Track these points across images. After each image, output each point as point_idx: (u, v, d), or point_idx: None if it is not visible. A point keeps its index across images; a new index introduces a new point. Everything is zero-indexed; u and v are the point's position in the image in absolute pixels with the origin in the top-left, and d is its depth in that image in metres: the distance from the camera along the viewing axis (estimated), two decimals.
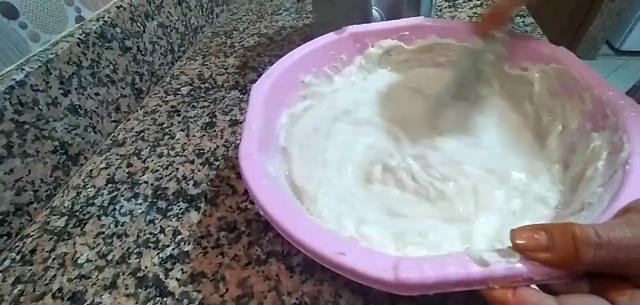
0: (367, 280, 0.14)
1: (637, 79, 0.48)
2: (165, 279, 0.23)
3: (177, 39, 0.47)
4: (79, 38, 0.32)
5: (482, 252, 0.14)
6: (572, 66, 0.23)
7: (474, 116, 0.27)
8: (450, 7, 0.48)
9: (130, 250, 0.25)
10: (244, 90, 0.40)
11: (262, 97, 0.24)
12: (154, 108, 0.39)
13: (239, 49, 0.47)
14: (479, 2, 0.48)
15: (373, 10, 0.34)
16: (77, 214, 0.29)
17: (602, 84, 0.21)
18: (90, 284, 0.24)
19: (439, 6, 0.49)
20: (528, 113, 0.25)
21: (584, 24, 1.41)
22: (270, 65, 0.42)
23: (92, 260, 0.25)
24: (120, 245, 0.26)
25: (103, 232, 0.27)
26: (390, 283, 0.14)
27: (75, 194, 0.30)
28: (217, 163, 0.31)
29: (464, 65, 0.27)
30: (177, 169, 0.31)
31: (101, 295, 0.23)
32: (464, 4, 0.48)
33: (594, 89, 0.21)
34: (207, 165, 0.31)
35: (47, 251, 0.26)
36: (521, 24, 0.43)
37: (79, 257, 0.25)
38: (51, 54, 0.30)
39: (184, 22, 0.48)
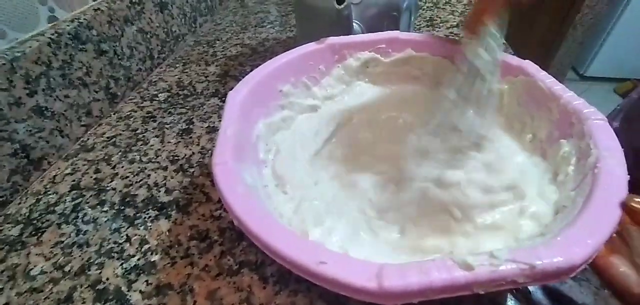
0: (349, 290, 0.14)
1: (600, 102, 0.51)
2: (128, 291, 0.22)
3: (157, 45, 0.46)
4: (50, 38, 0.31)
5: (465, 256, 0.13)
6: (538, 78, 0.24)
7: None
8: (428, 27, 0.50)
9: (91, 260, 0.24)
10: (223, 98, 0.39)
11: (239, 104, 0.24)
12: (129, 113, 0.38)
13: (220, 57, 0.47)
14: (455, 23, 0.50)
15: (354, 24, 0.35)
16: (35, 222, 0.27)
17: (568, 95, 0.22)
18: (43, 298, 0.22)
19: (418, 26, 0.51)
20: (500, 123, 0.26)
21: (551, 50, 1.52)
22: None
23: (46, 272, 0.23)
24: (80, 256, 0.24)
25: (62, 242, 0.25)
26: (374, 292, 0.13)
27: (34, 201, 0.28)
28: (192, 170, 0.30)
29: (459, 77, 0.25)
30: (149, 175, 0.30)
31: None
32: (441, 24, 0.51)
33: (560, 99, 0.22)
34: (180, 172, 0.30)
35: None
36: None
37: (31, 269, 0.23)
38: (17, 52, 0.28)
39: (165, 30, 0.47)
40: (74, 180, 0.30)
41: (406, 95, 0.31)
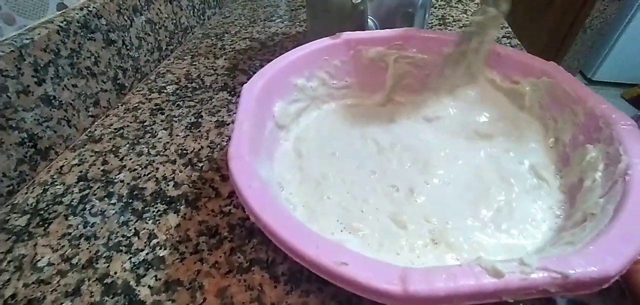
0: (371, 292, 0.13)
1: None
2: (136, 286, 0.21)
3: (166, 37, 0.45)
4: (59, 26, 0.31)
5: (494, 262, 0.13)
6: (562, 80, 0.23)
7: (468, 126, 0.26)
8: (440, 25, 0.49)
9: (99, 253, 0.23)
10: (232, 92, 0.38)
11: (254, 98, 0.23)
12: (136, 105, 0.37)
13: (229, 51, 0.46)
14: (468, 22, 0.50)
15: (369, 20, 0.34)
16: (42, 212, 0.26)
17: (594, 98, 0.21)
18: (50, 290, 0.21)
19: (430, 24, 0.50)
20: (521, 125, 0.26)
21: (560, 53, 1.50)
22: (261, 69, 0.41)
23: (54, 264, 0.23)
24: (87, 248, 0.24)
25: (69, 234, 0.25)
26: (397, 296, 0.13)
27: (41, 191, 0.28)
28: (201, 164, 0.30)
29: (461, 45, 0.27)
30: (157, 168, 0.30)
31: (61, 303, 0.21)
32: (453, 23, 0.50)
33: (586, 102, 0.21)
34: (189, 166, 0.30)
35: (2, 252, 0.23)
36: (508, 45, 0.44)
37: (39, 260, 0.23)
38: (26, 39, 0.28)
39: (174, 21, 0.46)
40: (81, 171, 0.30)
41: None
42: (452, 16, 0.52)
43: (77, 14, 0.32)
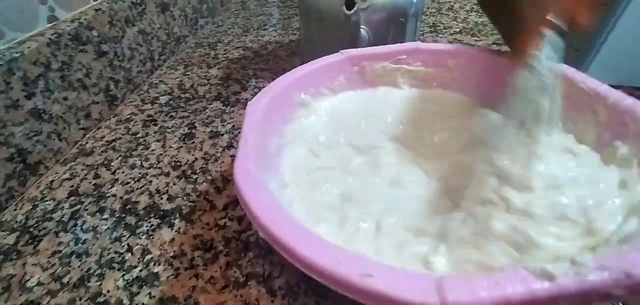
0: None
1: None
2: (130, 304, 0.21)
3: (158, 47, 0.45)
4: (49, 38, 0.30)
5: (543, 264, 0.11)
6: (578, 80, 0.22)
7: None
8: (431, 32, 0.50)
9: (91, 271, 0.23)
10: (226, 102, 0.38)
11: (260, 114, 0.23)
12: (129, 116, 0.37)
13: (222, 60, 0.46)
14: (458, 29, 0.50)
15: (361, 30, 0.34)
16: (31, 229, 0.26)
17: (616, 95, 0.20)
18: None
19: (421, 32, 0.50)
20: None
21: None
22: (255, 79, 0.41)
23: (44, 284, 0.22)
24: (79, 266, 0.23)
25: (60, 251, 0.24)
26: None
27: (30, 207, 0.27)
28: (195, 176, 0.29)
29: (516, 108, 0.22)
30: (150, 181, 0.29)
31: None
32: (444, 31, 0.50)
33: (607, 99, 0.20)
34: (183, 179, 0.29)
35: None
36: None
37: (28, 280, 0.22)
38: (16, 52, 0.28)
39: (167, 31, 0.46)
40: (72, 186, 0.29)
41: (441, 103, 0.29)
42: (443, 23, 0.52)
43: (68, 26, 0.32)
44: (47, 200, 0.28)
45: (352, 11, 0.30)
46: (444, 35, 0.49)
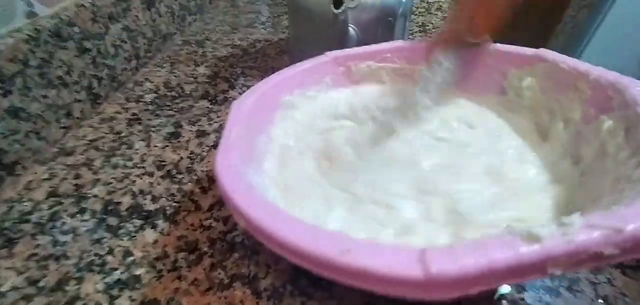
0: (385, 282, 0.11)
1: None
2: None
3: (144, 44, 0.44)
4: (27, 34, 0.29)
5: (528, 226, 0.11)
6: (559, 61, 0.22)
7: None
8: (420, 32, 0.50)
9: (69, 274, 0.22)
10: (214, 101, 0.38)
11: (244, 113, 0.23)
12: (112, 115, 0.36)
13: (210, 58, 0.46)
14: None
15: (349, 28, 0.34)
16: (6, 232, 0.25)
17: (597, 70, 0.20)
18: None
19: (410, 31, 0.51)
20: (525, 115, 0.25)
21: None
22: (243, 77, 0.41)
23: (18, 288, 0.21)
24: (57, 269, 0.22)
25: (37, 254, 0.23)
26: (419, 282, 0.11)
27: (6, 209, 0.26)
28: (180, 176, 0.29)
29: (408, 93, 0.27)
30: (134, 181, 0.28)
31: None
32: (433, 30, 0.51)
33: (589, 75, 0.20)
34: (168, 179, 0.29)
35: None
36: None
37: (1, 285, 0.21)
38: None
39: (153, 28, 0.45)
40: (51, 187, 0.28)
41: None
42: (432, 23, 0.53)
43: (48, 22, 0.31)
44: (24, 201, 0.27)
45: (340, 10, 0.30)
46: (432, 35, 0.49)
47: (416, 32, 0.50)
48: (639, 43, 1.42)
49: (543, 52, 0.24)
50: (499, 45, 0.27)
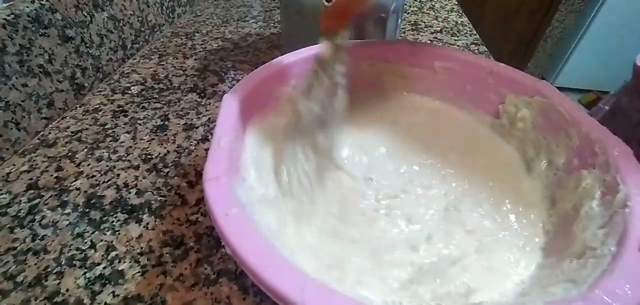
0: None
1: None
2: (91, 304, 0.20)
3: (131, 35, 0.43)
4: (5, 19, 0.28)
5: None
6: (557, 101, 0.22)
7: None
8: (413, 30, 0.51)
9: (49, 269, 0.21)
10: (203, 94, 0.37)
11: (235, 110, 0.22)
12: (97, 106, 0.35)
13: (200, 51, 0.45)
14: (438, 28, 0.51)
15: None
16: None
17: (589, 121, 0.20)
18: None
19: (402, 29, 0.51)
20: (512, 144, 0.26)
21: (524, 60, 1.60)
22: (234, 71, 0.40)
23: None
24: (36, 264, 0.22)
25: (15, 248, 0.22)
26: None
27: None
28: (167, 170, 0.28)
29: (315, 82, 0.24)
30: (118, 175, 0.28)
31: None
32: (425, 29, 0.51)
33: (581, 125, 0.20)
34: (154, 172, 0.28)
35: None
36: (476, 52, 0.46)
37: None
38: None
39: (140, 18, 0.44)
40: (31, 179, 0.27)
41: None
42: (424, 22, 0.53)
43: (28, 7, 0.30)
44: (2, 194, 0.26)
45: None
46: (424, 34, 0.50)
47: (409, 30, 0.50)
48: (626, 47, 1.46)
49: (544, 86, 0.24)
50: (503, 66, 0.27)
